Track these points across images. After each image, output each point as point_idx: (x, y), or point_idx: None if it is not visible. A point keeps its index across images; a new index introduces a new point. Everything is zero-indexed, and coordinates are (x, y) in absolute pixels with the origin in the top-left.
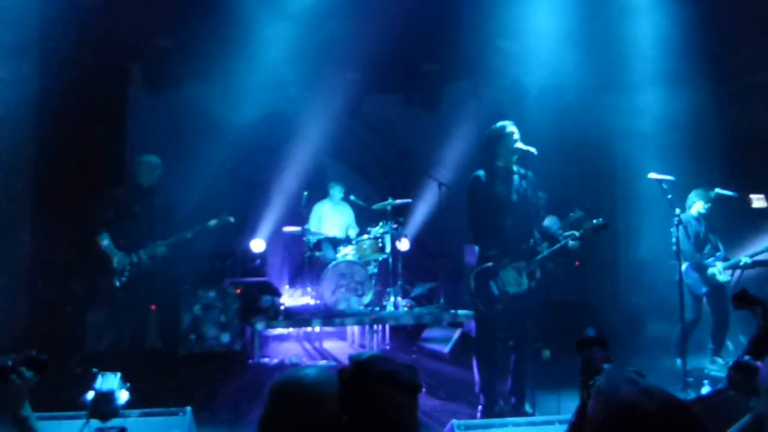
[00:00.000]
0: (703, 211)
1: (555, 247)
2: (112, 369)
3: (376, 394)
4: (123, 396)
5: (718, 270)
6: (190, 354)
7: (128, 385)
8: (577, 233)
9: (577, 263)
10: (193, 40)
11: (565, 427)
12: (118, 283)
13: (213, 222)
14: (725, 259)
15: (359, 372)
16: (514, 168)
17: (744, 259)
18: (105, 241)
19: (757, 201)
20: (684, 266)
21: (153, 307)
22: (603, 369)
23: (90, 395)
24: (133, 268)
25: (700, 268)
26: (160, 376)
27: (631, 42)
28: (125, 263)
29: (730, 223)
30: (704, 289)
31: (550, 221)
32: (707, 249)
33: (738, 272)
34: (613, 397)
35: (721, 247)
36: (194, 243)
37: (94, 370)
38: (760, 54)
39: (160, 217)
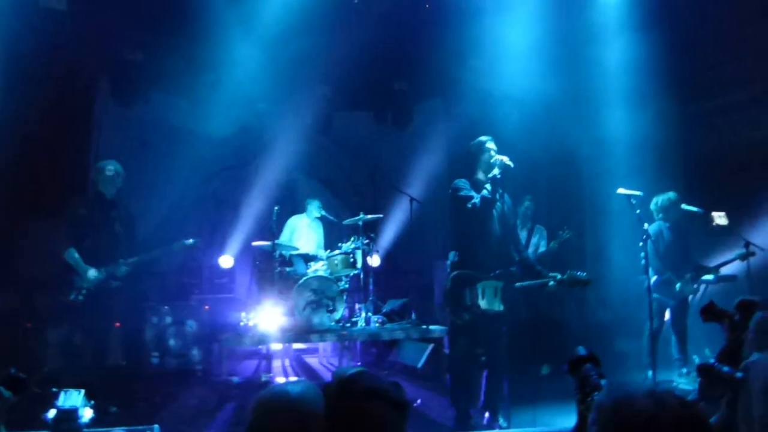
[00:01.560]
0: (666, 222)
1: (535, 281)
2: (74, 387)
3: (365, 411)
4: (87, 414)
5: (686, 282)
6: (156, 372)
7: (92, 402)
8: (559, 276)
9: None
10: (162, 54)
11: None
12: (73, 297)
13: (176, 245)
14: (696, 270)
15: (346, 388)
16: (496, 187)
17: (712, 273)
18: (75, 255)
19: (719, 218)
20: (653, 279)
21: (117, 324)
22: (600, 385)
23: (52, 413)
24: (93, 285)
25: (669, 282)
26: (125, 395)
27: (600, 62)
28: (92, 278)
29: (695, 238)
30: (672, 303)
31: (538, 231)
32: (677, 261)
33: (702, 287)
34: (621, 409)
35: (692, 257)
36: (160, 259)
37: (54, 389)
38: (723, 78)
39: (122, 232)
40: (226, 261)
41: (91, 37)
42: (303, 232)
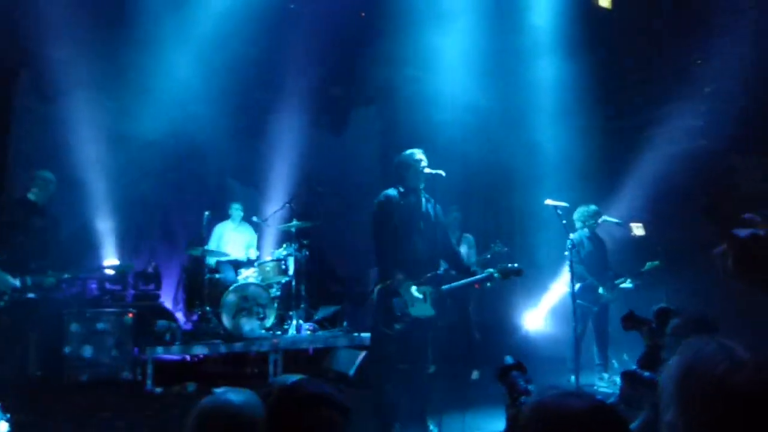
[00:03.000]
0: (586, 231)
1: (463, 281)
2: None
3: (310, 417)
4: (2, 428)
5: (607, 289)
6: (77, 383)
7: (8, 416)
8: (494, 273)
9: (477, 285)
10: (88, 50)
11: None
12: None
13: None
14: (615, 277)
15: (289, 395)
16: (422, 195)
17: (628, 282)
18: None
19: (637, 229)
20: (577, 287)
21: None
22: (528, 390)
23: None
24: (15, 293)
25: (592, 288)
26: (44, 407)
27: (531, 76)
28: (9, 285)
29: (614, 247)
30: (595, 309)
31: (466, 241)
32: (598, 268)
33: (621, 295)
34: (540, 403)
35: (610, 266)
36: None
37: None
38: (643, 95)
39: (49, 239)
40: (152, 267)
41: (11, 29)
42: (230, 238)
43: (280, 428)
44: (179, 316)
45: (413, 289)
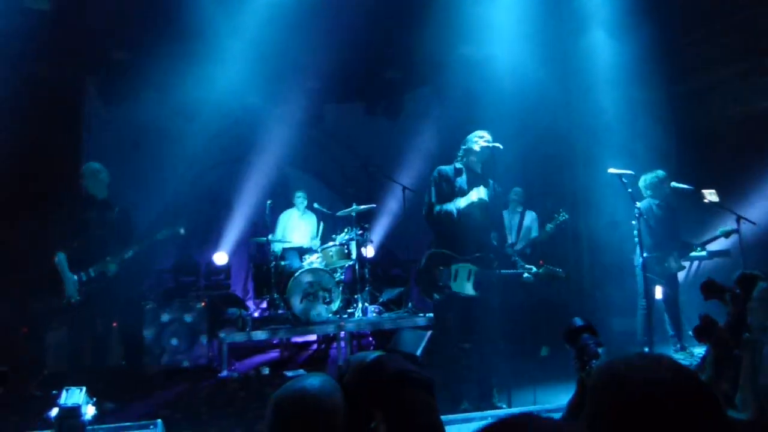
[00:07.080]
0: (656, 200)
1: (512, 271)
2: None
3: (400, 398)
4: (89, 411)
5: (674, 259)
6: (157, 370)
7: (94, 399)
8: (534, 269)
9: (541, 262)
10: (148, 52)
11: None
12: (65, 302)
13: (161, 234)
14: (684, 247)
15: (371, 374)
16: (479, 173)
17: (697, 250)
18: (63, 261)
19: (710, 195)
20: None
21: (114, 324)
22: (598, 353)
23: (55, 411)
24: (83, 286)
25: (659, 261)
26: (126, 394)
27: (589, 44)
28: (75, 284)
29: (685, 215)
30: (662, 280)
31: (529, 217)
32: (665, 238)
33: (696, 263)
34: (614, 365)
35: (679, 234)
36: (155, 257)
37: (54, 392)
38: (710, 55)
39: (115, 232)
40: (220, 257)
41: (76, 36)
42: (294, 226)
43: (363, 410)
44: (249, 303)
45: (460, 265)
